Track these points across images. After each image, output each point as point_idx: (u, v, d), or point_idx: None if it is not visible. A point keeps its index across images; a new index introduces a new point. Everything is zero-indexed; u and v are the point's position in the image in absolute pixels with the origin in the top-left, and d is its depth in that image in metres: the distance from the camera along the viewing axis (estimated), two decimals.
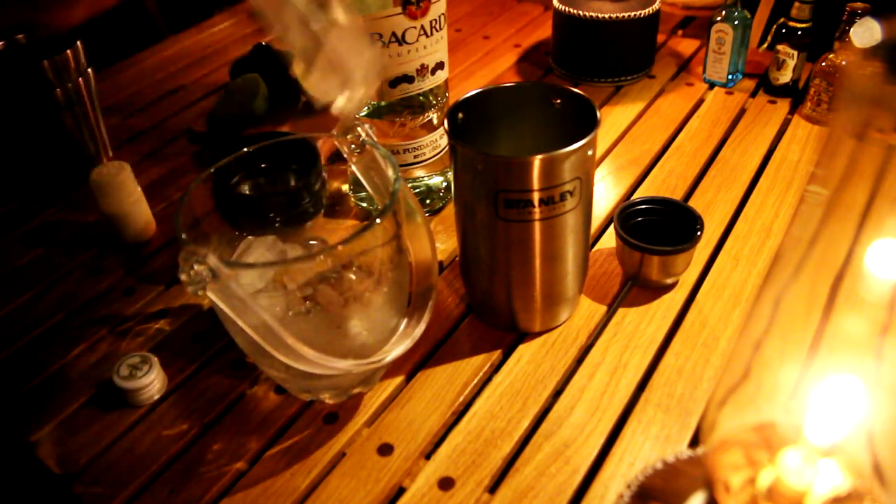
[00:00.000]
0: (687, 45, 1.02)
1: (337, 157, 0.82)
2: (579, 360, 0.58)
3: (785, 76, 0.86)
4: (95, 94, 0.80)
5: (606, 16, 0.88)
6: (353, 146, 0.53)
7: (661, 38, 1.01)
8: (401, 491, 0.50)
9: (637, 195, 0.74)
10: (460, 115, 0.56)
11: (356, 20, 0.48)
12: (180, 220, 0.46)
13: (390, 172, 0.51)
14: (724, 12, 0.85)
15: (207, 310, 0.64)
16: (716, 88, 0.91)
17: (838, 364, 0.33)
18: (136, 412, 0.56)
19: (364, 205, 0.71)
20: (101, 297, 0.67)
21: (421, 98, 0.68)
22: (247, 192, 0.69)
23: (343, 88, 0.47)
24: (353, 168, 0.54)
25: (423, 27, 0.62)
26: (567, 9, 0.90)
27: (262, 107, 0.87)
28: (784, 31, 0.84)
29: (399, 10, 0.60)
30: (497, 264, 0.56)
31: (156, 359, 0.57)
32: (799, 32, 0.83)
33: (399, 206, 0.50)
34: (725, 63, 0.88)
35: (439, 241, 0.71)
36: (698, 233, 0.60)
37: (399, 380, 0.57)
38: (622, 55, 0.92)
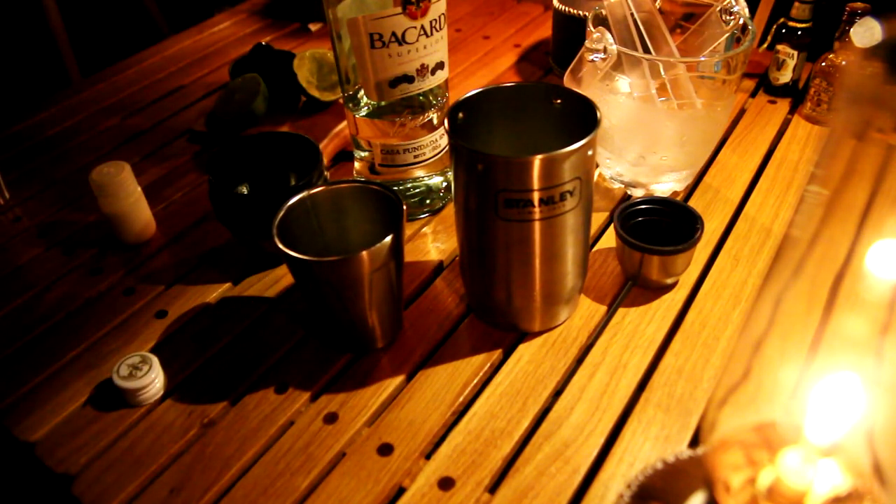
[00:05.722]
0: None
1: (340, 158, 0.82)
2: (579, 360, 0.58)
3: (785, 76, 0.86)
4: None
5: None
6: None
7: None
8: (401, 491, 0.50)
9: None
10: (460, 115, 0.56)
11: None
12: None
13: None
14: None
15: (207, 310, 0.64)
16: None
17: (838, 364, 0.33)
18: (136, 412, 0.56)
19: None
20: (101, 297, 0.67)
21: (421, 98, 0.68)
22: (245, 192, 0.69)
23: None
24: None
25: (423, 27, 0.62)
26: (567, 9, 0.90)
27: (262, 107, 0.87)
28: (784, 31, 0.84)
29: (399, 10, 0.60)
30: (497, 264, 0.56)
31: (156, 359, 0.57)
32: (799, 32, 0.83)
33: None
34: None
35: (439, 240, 0.71)
36: (698, 233, 0.60)
37: (399, 380, 0.57)
38: None
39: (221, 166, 0.65)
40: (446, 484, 0.49)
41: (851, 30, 0.28)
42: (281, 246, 0.52)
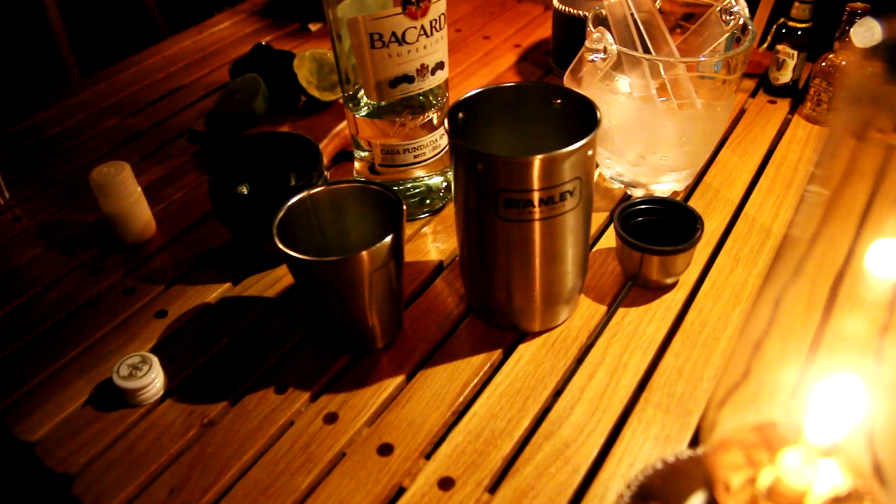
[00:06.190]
0: None
1: (340, 158, 0.82)
2: (579, 360, 0.58)
3: (785, 76, 0.86)
4: None
5: None
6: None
7: None
8: (401, 491, 0.50)
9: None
10: (460, 115, 0.56)
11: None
12: None
13: None
14: None
15: (207, 310, 0.64)
16: None
17: (838, 364, 0.33)
18: (136, 412, 0.56)
19: None
20: (101, 297, 0.67)
21: (421, 98, 0.68)
22: (245, 192, 0.69)
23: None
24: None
25: (423, 27, 0.62)
26: (567, 9, 0.90)
27: (262, 107, 0.87)
28: (784, 31, 0.84)
29: (399, 10, 0.60)
30: (497, 264, 0.56)
31: (156, 359, 0.57)
32: (799, 32, 0.83)
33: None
34: None
35: (439, 240, 0.71)
36: (698, 233, 0.60)
37: (399, 380, 0.57)
38: None
39: (221, 166, 0.65)
40: (446, 484, 0.49)
41: (851, 30, 0.28)
42: (281, 246, 0.52)
